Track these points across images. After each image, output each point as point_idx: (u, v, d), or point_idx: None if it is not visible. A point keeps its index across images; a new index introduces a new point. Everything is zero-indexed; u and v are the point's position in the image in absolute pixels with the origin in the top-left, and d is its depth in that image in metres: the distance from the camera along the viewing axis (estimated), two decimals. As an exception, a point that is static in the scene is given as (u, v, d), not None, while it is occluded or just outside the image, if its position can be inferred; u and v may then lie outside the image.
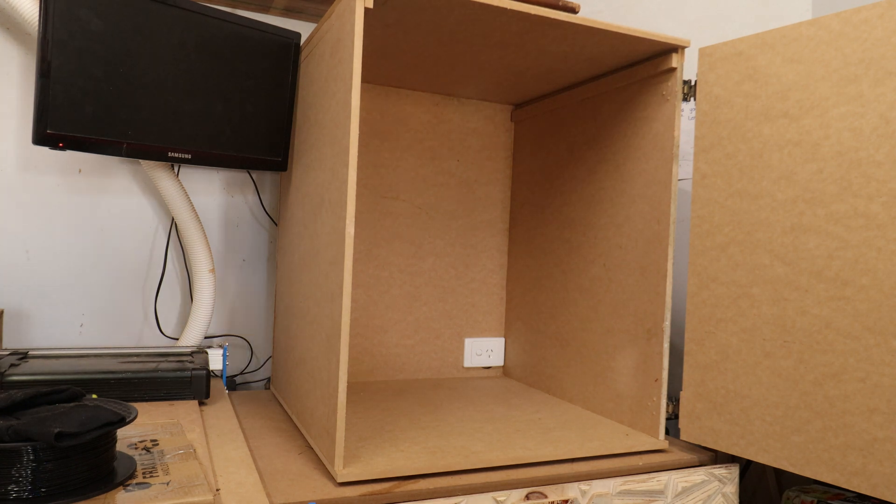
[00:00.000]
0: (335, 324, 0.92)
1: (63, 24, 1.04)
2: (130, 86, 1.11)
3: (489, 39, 1.16)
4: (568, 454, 1.05)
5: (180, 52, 1.15)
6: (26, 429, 0.69)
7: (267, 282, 1.50)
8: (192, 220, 1.34)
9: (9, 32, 1.27)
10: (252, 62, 1.23)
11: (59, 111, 1.05)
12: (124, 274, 1.38)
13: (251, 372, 1.49)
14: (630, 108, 1.25)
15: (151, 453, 0.86)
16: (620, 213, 1.26)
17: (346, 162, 0.89)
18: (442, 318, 1.63)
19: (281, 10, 1.44)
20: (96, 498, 0.72)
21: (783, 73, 1.04)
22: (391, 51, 1.26)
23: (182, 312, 1.43)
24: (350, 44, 0.91)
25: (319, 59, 1.11)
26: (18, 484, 0.69)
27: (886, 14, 0.92)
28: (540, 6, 1.01)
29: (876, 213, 0.92)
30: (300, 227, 1.19)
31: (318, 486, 0.89)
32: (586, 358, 1.34)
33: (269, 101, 1.26)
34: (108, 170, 1.35)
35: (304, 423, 1.08)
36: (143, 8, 1.11)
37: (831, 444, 0.95)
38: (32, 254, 1.30)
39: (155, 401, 1.10)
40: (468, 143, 1.62)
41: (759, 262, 1.05)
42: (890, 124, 0.91)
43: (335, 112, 0.98)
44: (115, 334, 1.37)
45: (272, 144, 1.28)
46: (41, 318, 1.31)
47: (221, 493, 0.80)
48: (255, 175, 1.47)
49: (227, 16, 1.21)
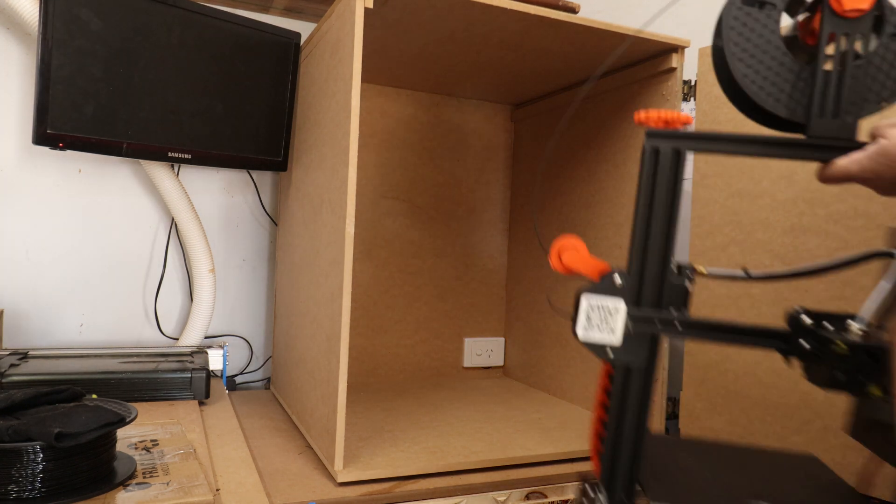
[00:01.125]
0: (335, 324, 0.92)
1: (63, 24, 1.04)
2: (130, 86, 1.11)
3: (489, 39, 1.16)
4: (568, 454, 1.05)
5: (180, 52, 1.15)
6: (26, 429, 0.69)
7: (267, 282, 1.50)
8: (192, 220, 1.34)
9: (9, 32, 1.27)
10: (252, 62, 1.23)
11: (59, 111, 1.05)
12: (124, 274, 1.38)
13: (251, 372, 1.49)
14: (630, 108, 1.25)
15: (151, 453, 0.86)
16: (620, 213, 1.26)
17: (346, 162, 0.89)
18: (442, 318, 1.63)
19: (281, 10, 1.44)
20: (96, 498, 0.72)
21: (783, 73, 1.04)
22: (391, 51, 1.26)
23: (182, 312, 1.43)
24: (350, 44, 0.91)
25: (319, 59, 1.11)
26: (19, 484, 0.69)
27: (886, 14, 0.92)
28: (540, 6, 1.01)
29: (876, 214, 0.92)
30: (300, 227, 1.19)
31: (318, 486, 0.89)
32: (586, 358, 1.34)
33: (269, 101, 1.26)
34: (108, 170, 1.35)
35: (304, 423, 1.08)
36: (143, 8, 1.11)
37: (831, 444, 0.95)
38: (32, 254, 1.30)
39: (155, 401, 1.10)
40: (468, 143, 1.62)
41: (759, 262, 1.05)
42: (890, 124, 0.91)
43: (335, 112, 0.98)
44: (115, 334, 1.37)
45: (272, 144, 1.28)
46: (41, 318, 1.31)
47: (221, 493, 0.80)
48: (255, 175, 1.47)
49: (227, 16, 1.21)
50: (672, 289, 0.62)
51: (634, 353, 0.62)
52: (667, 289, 0.62)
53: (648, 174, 0.63)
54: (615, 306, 0.62)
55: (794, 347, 0.61)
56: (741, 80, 0.66)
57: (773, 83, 0.66)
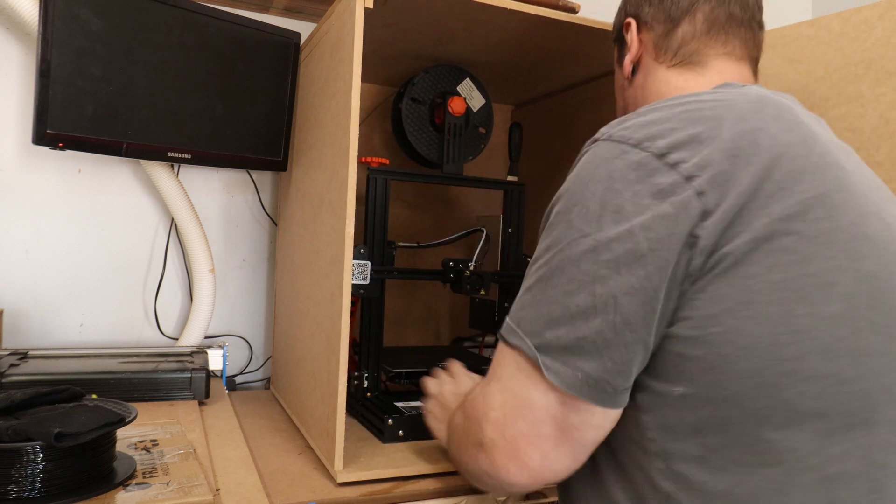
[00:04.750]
0: (335, 324, 0.92)
1: (63, 24, 1.04)
2: (130, 86, 1.11)
3: (489, 39, 1.16)
4: (568, 454, 1.05)
5: (180, 52, 1.15)
6: (26, 429, 0.69)
7: (267, 282, 1.50)
8: (192, 220, 1.34)
9: (9, 32, 1.27)
10: (252, 62, 1.23)
11: (59, 111, 1.05)
12: (124, 274, 1.38)
13: (251, 372, 1.49)
14: (630, 108, 1.25)
15: (151, 453, 0.86)
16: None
17: (346, 162, 0.89)
18: (442, 317, 1.62)
19: (281, 10, 1.44)
20: (96, 498, 0.72)
21: (783, 73, 1.04)
22: (391, 51, 1.26)
23: (182, 312, 1.43)
24: (350, 44, 0.90)
25: (319, 59, 1.11)
26: (18, 484, 0.69)
27: (886, 14, 0.92)
28: (540, 6, 1.01)
29: (876, 214, 0.92)
30: (300, 227, 1.19)
31: (317, 486, 0.89)
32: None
33: (269, 101, 1.26)
34: (108, 170, 1.35)
35: (304, 424, 1.08)
36: (143, 8, 1.11)
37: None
38: (32, 254, 1.30)
39: (155, 401, 1.10)
40: (468, 143, 1.62)
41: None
42: (890, 124, 0.91)
43: (335, 112, 0.98)
44: (115, 334, 1.37)
45: (272, 144, 1.28)
46: (41, 318, 1.31)
47: (221, 493, 0.80)
48: (255, 175, 1.47)
49: (227, 16, 1.20)
50: (388, 255, 1.17)
51: (374, 290, 1.09)
52: (386, 255, 1.15)
53: (371, 195, 1.15)
54: (365, 264, 1.07)
55: (446, 277, 1.20)
56: (410, 139, 1.26)
57: (425, 142, 1.27)
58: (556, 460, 0.62)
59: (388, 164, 1.15)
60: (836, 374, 0.55)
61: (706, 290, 0.56)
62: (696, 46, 0.76)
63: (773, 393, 0.55)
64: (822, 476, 0.55)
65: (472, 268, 1.20)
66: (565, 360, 0.59)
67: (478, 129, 1.30)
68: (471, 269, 1.20)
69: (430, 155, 1.27)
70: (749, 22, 0.78)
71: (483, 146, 1.31)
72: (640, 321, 0.57)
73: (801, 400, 0.55)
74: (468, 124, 1.28)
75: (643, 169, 0.59)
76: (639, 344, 0.58)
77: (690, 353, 0.57)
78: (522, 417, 0.62)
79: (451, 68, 1.28)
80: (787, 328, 0.55)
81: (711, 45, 0.76)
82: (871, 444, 0.56)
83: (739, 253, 0.56)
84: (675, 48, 0.77)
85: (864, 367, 0.56)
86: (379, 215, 1.14)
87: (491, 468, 0.64)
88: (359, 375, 1.15)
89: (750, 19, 0.78)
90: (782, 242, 0.56)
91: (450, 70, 1.28)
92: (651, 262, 0.56)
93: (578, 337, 0.58)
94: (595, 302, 0.58)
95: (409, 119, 1.25)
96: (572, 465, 0.64)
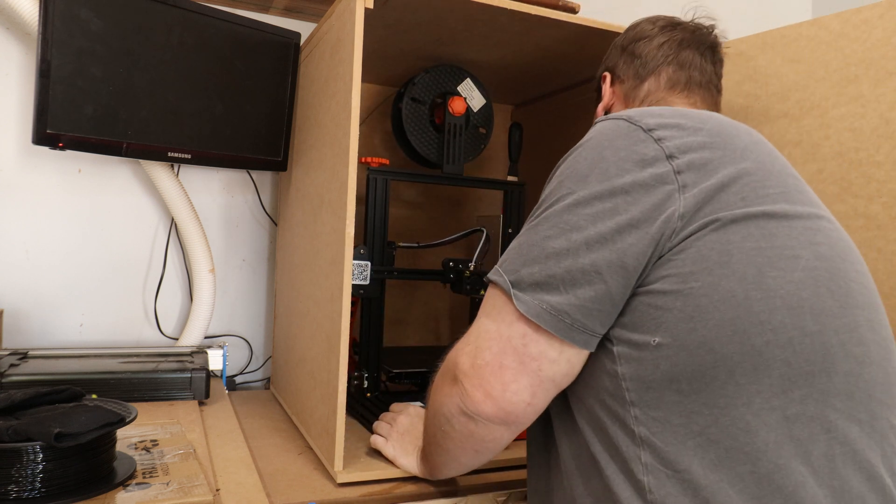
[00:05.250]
0: (335, 324, 0.92)
1: (63, 23, 1.04)
2: (130, 86, 1.11)
3: (489, 39, 1.16)
4: (568, 454, 1.05)
5: (180, 52, 1.15)
6: (26, 429, 0.69)
7: (267, 282, 1.50)
8: (191, 220, 1.34)
9: (9, 32, 1.27)
10: (252, 62, 1.23)
11: (59, 111, 1.05)
12: (124, 274, 1.38)
13: (251, 372, 1.49)
14: (630, 108, 1.25)
15: (151, 453, 0.86)
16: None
17: (346, 162, 0.89)
18: (442, 317, 1.62)
19: (281, 10, 1.44)
20: (96, 498, 0.72)
21: (783, 73, 1.04)
22: (391, 51, 1.26)
23: (182, 312, 1.43)
24: (350, 44, 0.90)
25: (319, 59, 1.11)
26: (18, 484, 0.69)
27: (886, 14, 0.92)
28: (540, 6, 1.01)
29: (876, 214, 0.92)
30: (300, 227, 1.19)
31: (317, 486, 0.89)
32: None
33: (269, 101, 1.26)
34: (108, 170, 1.35)
35: (304, 424, 1.08)
36: (143, 8, 1.11)
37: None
38: (32, 254, 1.30)
39: (155, 401, 1.10)
40: (468, 143, 1.62)
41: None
42: (890, 124, 0.91)
43: (335, 112, 0.98)
44: (115, 334, 1.37)
45: (272, 144, 1.28)
46: (41, 318, 1.31)
47: (221, 493, 0.80)
48: (255, 175, 1.47)
49: (227, 16, 1.20)
50: (388, 255, 1.17)
51: (374, 290, 1.11)
52: (386, 255, 1.16)
53: (371, 195, 1.15)
54: (365, 264, 1.08)
55: (446, 277, 1.22)
56: (411, 139, 1.26)
57: (425, 142, 1.27)
58: (515, 392, 0.67)
59: (388, 164, 1.16)
60: (801, 327, 0.62)
61: (686, 250, 0.64)
62: (662, 96, 0.87)
63: (744, 339, 0.61)
64: (784, 416, 0.61)
65: (472, 268, 1.20)
66: (534, 294, 0.66)
67: (478, 129, 1.30)
68: (471, 269, 1.20)
69: (430, 155, 1.27)
70: (707, 85, 0.88)
71: (483, 146, 1.31)
72: (607, 269, 0.64)
73: (769, 348, 0.61)
74: (468, 124, 1.28)
75: (631, 138, 0.68)
76: (602, 287, 0.64)
77: (670, 305, 0.63)
78: (489, 349, 0.68)
79: (452, 68, 1.28)
80: (758, 286, 0.62)
81: (675, 97, 0.87)
82: (827, 389, 0.62)
83: (719, 224, 0.64)
84: (642, 98, 0.89)
85: (824, 324, 0.63)
86: (379, 215, 1.15)
87: (462, 398, 0.69)
88: (359, 375, 1.15)
89: (708, 83, 0.88)
90: (756, 222, 0.64)
91: (450, 70, 1.28)
92: (626, 221, 0.64)
93: (549, 275, 0.66)
94: (569, 246, 0.65)
95: (409, 119, 1.25)
96: (531, 400, 0.67)
